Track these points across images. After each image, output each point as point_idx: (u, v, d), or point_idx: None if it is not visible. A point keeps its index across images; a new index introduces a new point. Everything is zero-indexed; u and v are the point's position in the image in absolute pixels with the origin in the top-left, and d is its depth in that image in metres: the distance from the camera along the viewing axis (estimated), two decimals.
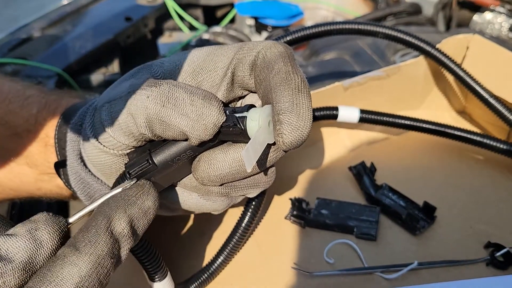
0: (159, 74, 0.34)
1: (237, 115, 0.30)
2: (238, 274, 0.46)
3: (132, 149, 0.34)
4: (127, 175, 0.33)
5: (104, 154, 0.34)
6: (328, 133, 0.59)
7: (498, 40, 0.91)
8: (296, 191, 0.54)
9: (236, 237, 0.44)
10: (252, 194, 0.38)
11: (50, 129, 0.41)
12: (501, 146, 0.51)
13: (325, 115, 0.53)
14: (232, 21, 1.19)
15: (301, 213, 0.50)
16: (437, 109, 0.64)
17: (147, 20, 1.08)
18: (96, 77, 0.95)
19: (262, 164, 0.33)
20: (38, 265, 0.26)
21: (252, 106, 0.32)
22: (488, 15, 1.01)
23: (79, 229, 0.28)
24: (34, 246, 0.26)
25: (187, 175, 0.35)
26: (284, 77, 0.29)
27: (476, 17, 1.02)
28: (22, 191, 0.45)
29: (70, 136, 0.38)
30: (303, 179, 0.56)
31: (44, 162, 0.42)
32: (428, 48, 0.53)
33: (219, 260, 0.44)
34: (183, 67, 0.34)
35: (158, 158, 0.32)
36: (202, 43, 1.03)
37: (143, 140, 0.33)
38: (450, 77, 0.60)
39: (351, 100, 0.56)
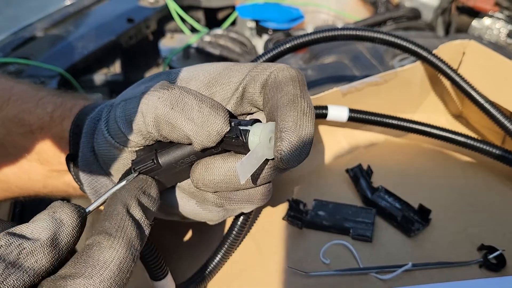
0: (176, 81, 0.36)
1: (241, 127, 0.32)
2: (235, 273, 0.47)
3: (141, 147, 0.36)
4: (133, 171, 0.34)
5: (114, 149, 0.35)
6: (326, 135, 0.60)
7: (496, 45, 0.92)
8: (294, 193, 0.55)
9: (232, 235, 0.45)
10: (247, 209, 0.39)
11: (65, 124, 0.42)
12: (495, 151, 0.52)
13: (315, 114, 0.53)
14: (233, 23, 1.20)
15: (298, 214, 0.51)
16: (434, 113, 0.65)
17: (149, 21, 1.10)
18: (98, 78, 0.97)
19: (255, 179, 0.34)
20: (63, 244, 0.27)
21: (257, 121, 0.33)
22: (486, 21, 1.02)
23: (101, 218, 0.29)
24: (55, 224, 0.27)
25: (187, 179, 0.37)
26: (291, 98, 0.30)
27: (475, 23, 1.03)
28: (28, 189, 0.46)
29: (86, 129, 0.40)
30: (301, 181, 0.57)
31: (55, 158, 0.43)
32: (424, 54, 0.54)
33: (216, 259, 0.45)
34: (199, 77, 0.35)
35: (163, 159, 0.34)
36: (203, 45, 1.04)
37: (151, 139, 0.35)
38: (446, 82, 0.61)
39: (349, 105, 0.57)
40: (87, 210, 0.30)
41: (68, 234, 0.28)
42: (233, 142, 0.32)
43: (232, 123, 0.32)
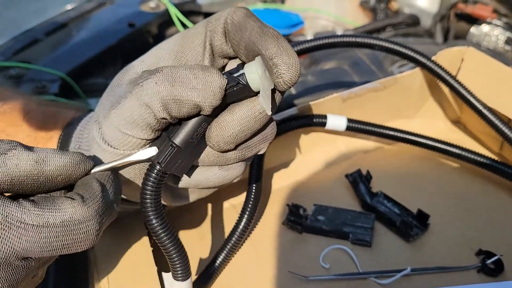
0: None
1: (235, 74, 0.33)
2: (235, 277, 0.47)
3: (149, 143, 0.36)
4: (157, 166, 0.34)
5: (119, 156, 0.35)
6: (325, 141, 0.60)
7: (495, 52, 0.93)
8: (294, 198, 0.55)
9: (233, 240, 0.45)
10: (263, 149, 0.39)
11: (50, 145, 0.42)
12: (478, 158, 0.54)
13: (314, 123, 0.55)
14: None
15: (298, 219, 0.51)
16: (432, 118, 0.66)
17: (150, 26, 1.10)
18: (99, 82, 0.97)
19: (272, 109, 0.35)
20: (50, 168, 0.30)
21: (242, 64, 0.34)
22: (485, 28, 1.02)
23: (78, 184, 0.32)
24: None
25: (205, 150, 0.37)
26: (259, 31, 0.32)
27: (473, 29, 1.04)
28: None
29: (72, 148, 0.40)
30: (301, 186, 0.57)
31: None
32: (423, 60, 0.54)
33: (217, 263, 0.45)
34: (164, 56, 0.36)
35: (179, 140, 0.34)
36: None
37: (159, 128, 0.35)
38: (445, 88, 0.61)
39: (349, 110, 0.57)
40: (92, 171, 0.33)
41: (55, 161, 0.30)
42: (235, 91, 0.33)
43: (225, 75, 0.33)
